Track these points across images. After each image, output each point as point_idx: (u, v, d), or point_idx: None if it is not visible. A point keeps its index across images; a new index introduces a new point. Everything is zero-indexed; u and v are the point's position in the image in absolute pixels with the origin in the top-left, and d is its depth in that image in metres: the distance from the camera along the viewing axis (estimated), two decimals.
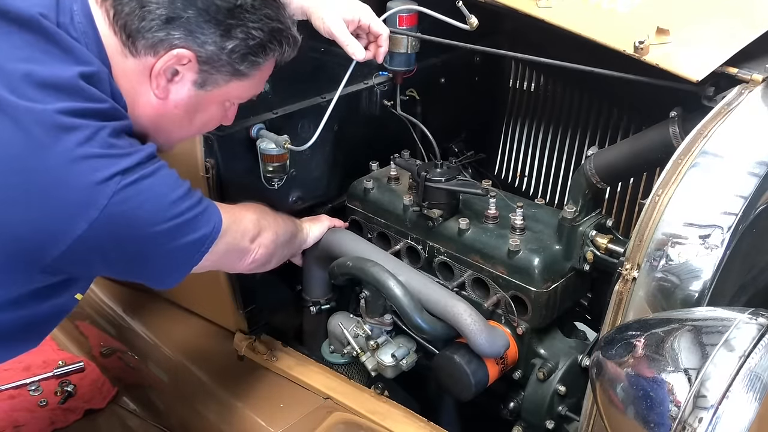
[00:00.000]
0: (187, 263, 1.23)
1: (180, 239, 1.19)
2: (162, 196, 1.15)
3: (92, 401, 1.94)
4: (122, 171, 1.09)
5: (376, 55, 1.59)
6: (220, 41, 1.18)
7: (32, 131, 1.04)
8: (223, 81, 1.24)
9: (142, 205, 1.11)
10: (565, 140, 2.05)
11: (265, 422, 1.56)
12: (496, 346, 1.45)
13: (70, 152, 1.05)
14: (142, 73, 1.19)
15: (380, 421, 1.53)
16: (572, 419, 1.50)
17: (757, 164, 1.19)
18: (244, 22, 1.19)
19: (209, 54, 1.18)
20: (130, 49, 1.17)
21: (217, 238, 1.24)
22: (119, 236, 1.12)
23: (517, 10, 1.53)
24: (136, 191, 1.10)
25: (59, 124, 1.05)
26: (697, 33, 1.40)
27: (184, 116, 1.26)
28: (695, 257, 1.16)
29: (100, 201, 1.06)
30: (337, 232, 1.71)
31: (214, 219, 1.25)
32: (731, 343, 0.95)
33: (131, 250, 1.16)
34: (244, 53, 1.21)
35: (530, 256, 1.48)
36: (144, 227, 1.13)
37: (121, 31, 1.16)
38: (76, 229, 1.06)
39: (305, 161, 1.76)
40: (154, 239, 1.15)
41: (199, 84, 1.22)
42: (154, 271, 1.24)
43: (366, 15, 1.55)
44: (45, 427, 1.86)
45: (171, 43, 1.16)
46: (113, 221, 1.09)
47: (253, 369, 1.70)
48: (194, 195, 1.21)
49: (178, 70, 1.19)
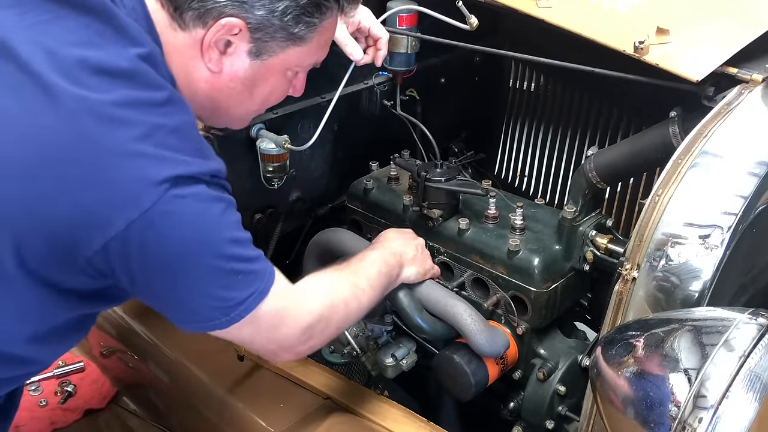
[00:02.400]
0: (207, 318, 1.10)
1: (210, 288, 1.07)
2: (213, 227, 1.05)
3: (92, 401, 1.94)
4: (173, 178, 0.99)
5: (375, 59, 1.59)
6: (269, 4, 1.09)
7: (83, 121, 0.97)
8: (279, 48, 1.15)
9: (185, 226, 1.01)
10: (565, 140, 2.05)
11: (265, 422, 1.55)
12: (496, 346, 1.45)
13: (120, 147, 0.97)
14: (193, 47, 1.12)
15: (380, 421, 1.53)
16: (572, 419, 1.50)
17: (757, 164, 1.19)
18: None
19: (260, 19, 1.10)
20: (178, 22, 1.10)
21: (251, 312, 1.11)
22: (150, 250, 1.01)
23: (517, 10, 1.53)
24: (184, 207, 1.01)
25: (113, 117, 0.98)
26: (697, 33, 1.40)
27: (242, 90, 1.18)
28: (695, 257, 1.16)
29: (143, 203, 0.97)
30: (337, 231, 1.71)
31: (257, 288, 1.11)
32: (731, 343, 0.95)
33: (156, 272, 1.04)
34: (296, 14, 1.11)
35: (530, 256, 1.48)
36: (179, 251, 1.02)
37: (168, 4, 1.09)
38: (113, 228, 0.98)
39: (305, 161, 1.76)
40: (184, 271, 1.04)
41: (254, 54, 1.14)
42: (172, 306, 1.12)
43: (366, 17, 1.55)
44: (45, 427, 1.86)
45: (219, 11, 1.08)
46: (150, 229, 0.99)
47: (253, 369, 1.69)
48: (252, 250, 1.11)
49: (230, 41, 1.11)
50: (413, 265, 1.48)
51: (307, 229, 1.91)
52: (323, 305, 1.24)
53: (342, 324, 1.31)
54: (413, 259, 1.49)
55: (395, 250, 1.46)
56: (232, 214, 1.09)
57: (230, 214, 1.08)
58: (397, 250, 1.47)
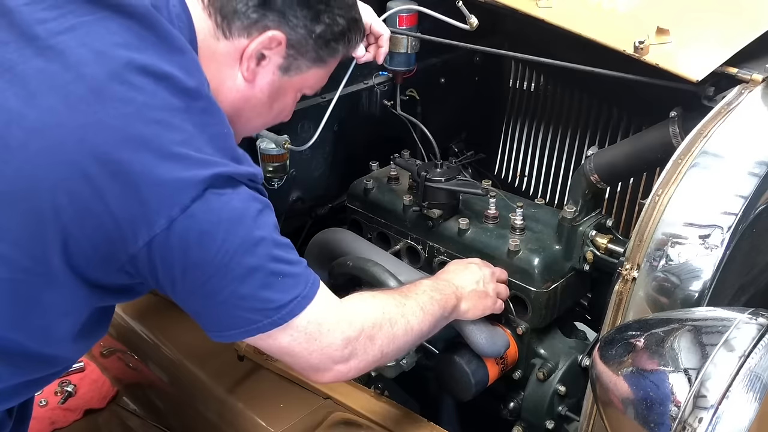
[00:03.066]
0: (249, 324, 1.09)
1: (251, 287, 1.06)
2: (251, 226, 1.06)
3: (92, 401, 1.93)
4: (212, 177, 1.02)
5: (376, 56, 1.59)
6: (310, 25, 1.18)
7: (131, 123, 0.99)
8: (305, 66, 1.23)
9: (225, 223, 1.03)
10: (565, 140, 2.05)
11: (265, 422, 1.55)
12: (496, 346, 1.45)
13: (165, 149, 1.00)
14: (232, 56, 1.17)
15: (380, 421, 1.53)
16: (572, 419, 1.50)
17: (757, 164, 1.19)
18: (332, 8, 1.20)
19: (299, 38, 1.18)
20: (224, 31, 1.15)
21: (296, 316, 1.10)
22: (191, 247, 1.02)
23: (517, 10, 1.53)
24: (222, 204, 1.03)
25: (158, 120, 1.01)
26: (697, 33, 1.40)
27: (266, 102, 1.25)
28: (695, 257, 1.16)
29: (184, 201, 1.00)
30: (337, 232, 1.71)
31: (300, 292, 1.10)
32: (731, 343, 0.95)
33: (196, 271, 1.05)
34: (328, 39, 1.21)
35: (530, 256, 1.48)
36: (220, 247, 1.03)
37: (216, 13, 1.14)
38: (156, 226, 1.00)
39: (305, 161, 1.76)
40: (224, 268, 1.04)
41: (283, 68, 1.21)
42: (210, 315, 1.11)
43: (367, 15, 1.55)
44: (45, 427, 1.86)
45: (265, 24, 1.15)
46: (191, 227, 1.01)
47: (253, 369, 1.69)
48: (291, 253, 1.12)
49: (264, 54, 1.18)
50: (471, 300, 1.40)
51: (307, 229, 1.91)
52: (367, 321, 1.21)
53: (387, 345, 1.23)
54: (472, 294, 1.41)
55: (453, 281, 1.41)
56: (271, 216, 1.11)
57: (268, 215, 1.10)
58: (455, 282, 1.40)
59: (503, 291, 1.48)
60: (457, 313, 1.38)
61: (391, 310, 1.25)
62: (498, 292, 1.46)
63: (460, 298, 1.38)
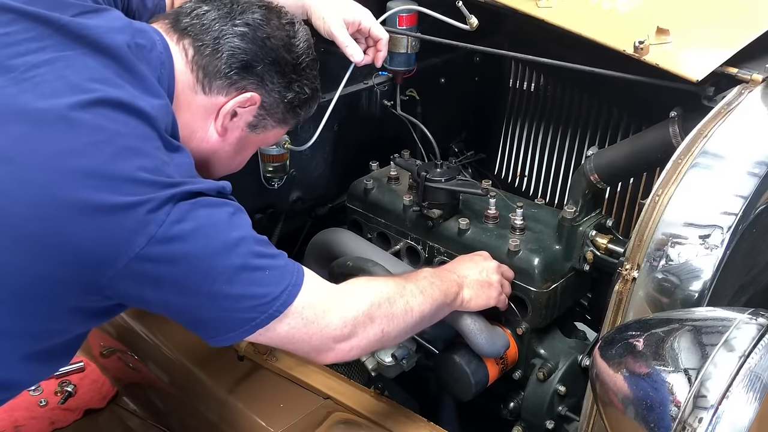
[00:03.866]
0: (247, 323, 1.11)
1: (240, 287, 1.09)
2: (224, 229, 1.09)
3: (92, 401, 1.94)
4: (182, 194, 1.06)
5: (375, 60, 1.59)
6: (283, 91, 1.28)
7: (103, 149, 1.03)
8: (271, 126, 1.32)
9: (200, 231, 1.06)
10: (565, 140, 2.05)
11: (265, 422, 1.55)
12: (496, 346, 1.45)
13: (134, 175, 1.03)
14: (208, 110, 1.24)
15: (380, 421, 1.53)
16: (572, 419, 1.50)
17: (757, 164, 1.19)
18: (301, 79, 1.30)
19: (272, 101, 1.28)
20: (203, 87, 1.22)
21: (291, 305, 1.13)
22: (173, 260, 1.05)
23: (517, 10, 1.53)
24: (193, 214, 1.06)
25: (128, 147, 1.05)
26: (697, 33, 1.40)
27: (232, 155, 1.33)
28: (695, 257, 1.16)
29: (160, 218, 1.03)
30: (337, 232, 1.71)
31: (289, 282, 1.14)
32: (731, 343, 0.95)
33: (184, 282, 1.08)
34: (294, 105, 1.31)
35: (530, 256, 1.48)
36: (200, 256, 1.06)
37: (199, 70, 1.21)
38: (135, 246, 1.02)
39: (305, 161, 1.76)
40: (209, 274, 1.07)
41: (252, 126, 1.30)
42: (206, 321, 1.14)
43: (366, 18, 1.55)
44: (45, 427, 1.86)
45: (244, 87, 1.24)
46: (170, 241, 1.04)
47: (253, 369, 1.69)
48: (270, 248, 1.15)
49: (237, 111, 1.25)
50: (473, 289, 1.40)
51: (307, 229, 1.91)
52: (364, 299, 1.23)
53: (387, 324, 1.24)
54: (474, 283, 1.40)
55: (455, 270, 1.42)
56: (244, 216, 1.15)
57: (241, 216, 1.14)
58: (458, 271, 1.41)
59: (507, 286, 1.47)
60: (460, 300, 1.38)
61: (390, 290, 1.27)
62: (502, 284, 1.45)
63: (461, 285, 1.39)
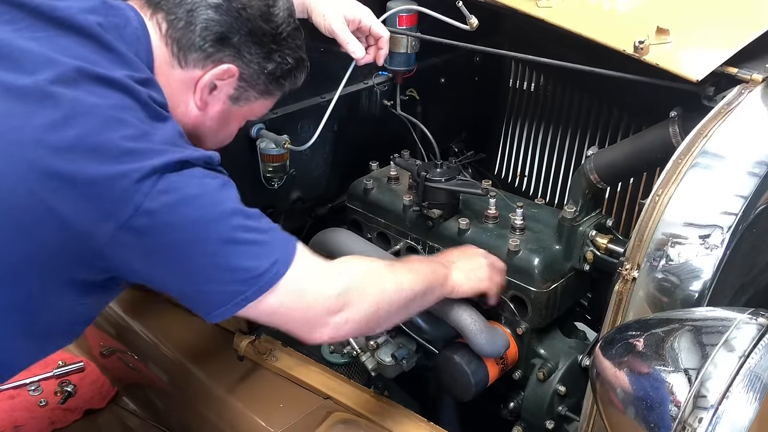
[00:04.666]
0: (237, 295, 1.10)
1: (229, 258, 1.09)
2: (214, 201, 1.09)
3: (92, 401, 1.94)
4: (169, 164, 1.05)
5: (376, 58, 1.59)
6: (263, 62, 1.26)
7: (84, 122, 1.03)
8: (254, 98, 1.30)
9: (189, 200, 1.06)
10: (565, 140, 2.05)
11: (265, 422, 1.55)
12: (496, 346, 1.45)
13: (120, 144, 1.03)
14: (186, 84, 1.23)
15: (380, 421, 1.53)
16: (572, 419, 1.50)
17: (757, 164, 1.19)
18: (282, 48, 1.27)
19: (251, 72, 1.25)
20: (179, 61, 1.21)
21: (281, 278, 1.11)
22: (162, 230, 1.05)
23: (517, 10, 1.53)
24: (182, 184, 1.06)
25: (110, 117, 1.05)
26: (697, 33, 1.40)
27: (216, 128, 1.31)
28: (695, 257, 1.16)
29: (146, 187, 1.03)
30: (337, 231, 1.71)
31: (280, 255, 1.12)
32: (731, 343, 0.95)
33: (173, 253, 1.08)
34: (277, 75, 1.29)
35: (530, 256, 1.48)
36: (190, 226, 1.06)
37: (173, 44, 1.20)
38: (122, 215, 1.02)
39: (305, 161, 1.76)
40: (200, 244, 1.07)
41: (233, 99, 1.28)
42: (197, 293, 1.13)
43: (367, 17, 1.55)
44: (45, 427, 1.86)
45: (221, 59, 1.22)
46: (158, 210, 1.04)
47: (253, 369, 1.69)
48: (262, 220, 1.14)
49: (216, 84, 1.24)
50: (463, 272, 1.41)
51: (307, 229, 1.91)
52: (356, 273, 1.24)
53: (381, 298, 1.23)
54: (464, 266, 1.42)
55: (445, 256, 1.45)
56: (233, 190, 1.13)
57: (230, 189, 1.13)
58: (447, 257, 1.44)
59: (498, 275, 1.46)
60: (451, 283, 1.39)
61: (380, 267, 1.29)
62: (495, 272, 1.45)
63: (450, 269, 1.40)
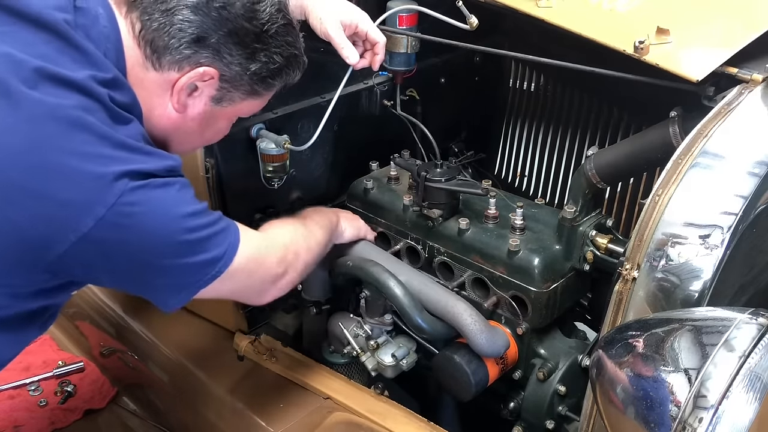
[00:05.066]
0: (193, 285, 1.18)
1: (188, 257, 1.14)
2: (172, 207, 1.12)
3: (92, 401, 1.94)
4: (133, 173, 1.06)
5: (372, 63, 1.59)
6: (245, 63, 1.21)
7: (43, 124, 1.02)
8: (239, 98, 1.27)
9: (151, 212, 1.08)
10: (565, 140, 2.05)
11: (265, 422, 1.55)
12: (496, 346, 1.45)
13: (80, 149, 1.03)
14: (162, 87, 1.20)
15: (380, 421, 1.53)
16: (572, 419, 1.50)
17: (757, 164, 1.19)
18: (269, 47, 1.22)
19: (233, 74, 1.21)
20: (153, 63, 1.18)
21: (231, 263, 1.20)
22: (124, 240, 1.08)
23: (517, 10, 1.53)
24: (145, 197, 1.07)
25: (71, 119, 1.03)
26: (697, 33, 1.40)
27: (197, 129, 1.28)
28: (695, 257, 1.16)
29: (108, 199, 1.03)
30: None
31: (229, 242, 1.20)
32: (731, 343, 0.95)
33: (135, 259, 1.11)
34: (263, 75, 1.24)
35: (530, 256, 1.48)
36: (151, 237, 1.09)
37: (146, 46, 1.17)
38: (82, 226, 1.03)
39: (305, 161, 1.76)
40: (160, 252, 1.12)
41: (216, 100, 1.25)
42: (156, 289, 1.19)
43: (364, 22, 1.55)
44: (45, 427, 1.86)
45: (198, 61, 1.18)
46: (120, 222, 1.05)
47: (253, 369, 1.70)
48: (211, 215, 1.19)
49: (197, 86, 1.21)
50: (346, 220, 1.63)
51: None
52: (288, 240, 1.38)
53: (307, 256, 1.42)
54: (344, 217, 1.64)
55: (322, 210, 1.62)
56: (188, 190, 1.16)
57: (186, 191, 1.16)
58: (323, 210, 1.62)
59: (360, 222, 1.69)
60: (339, 230, 1.60)
61: (302, 229, 1.44)
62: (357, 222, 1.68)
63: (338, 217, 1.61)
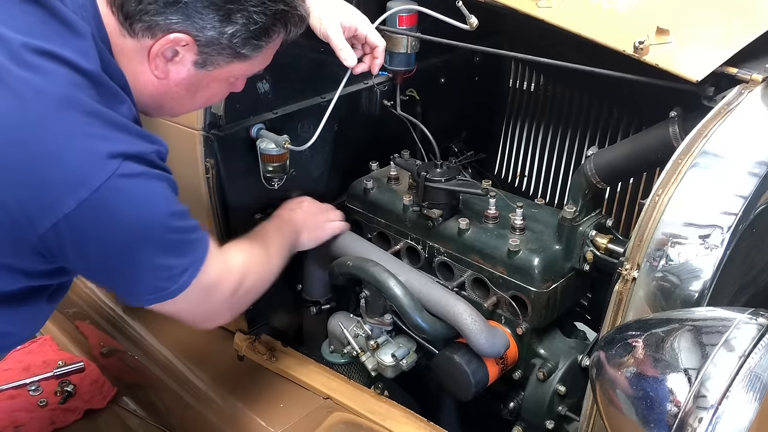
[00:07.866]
0: (162, 289, 1.17)
1: (162, 257, 1.14)
2: (158, 202, 1.11)
3: (92, 401, 1.93)
4: (120, 155, 1.04)
5: (371, 67, 1.59)
6: (220, 26, 1.15)
7: (32, 102, 1.01)
8: (224, 62, 1.21)
9: (134, 203, 1.07)
10: (565, 140, 2.05)
11: (265, 422, 1.56)
12: (496, 346, 1.45)
13: (68, 127, 1.02)
14: (141, 54, 1.17)
15: (380, 421, 1.53)
16: (572, 419, 1.50)
17: (757, 164, 1.19)
18: (245, 6, 1.15)
19: (209, 38, 1.16)
20: (127, 30, 1.15)
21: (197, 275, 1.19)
22: (102, 227, 1.06)
23: (517, 10, 1.53)
24: (131, 185, 1.06)
25: (59, 97, 1.02)
26: (697, 33, 1.40)
27: (186, 94, 1.25)
28: (695, 257, 1.16)
29: (94, 182, 1.02)
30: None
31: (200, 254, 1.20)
32: (731, 343, 0.95)
33: (110, 249, 1.10)
34: (245, 37, 1.18)
35: (530, 256, 1.48)
36: (130, 227, 1.08)
37: (118, 12, 1.13)
38: (64, 206, 1.02)
39: (305, 161, 1.76)
40: (137, 244, 1.10)
41: (199, 64, 1.20)
42: (125, 281, 1.18)
43: (363, 25, 1.54)
44: (45, 427, 1.86)
45: (169, 27, 1.13)
46: (101, 207, 1.04)
47: (253, 369, 1.70)
48: (192, 221, 1.19)
49: (177, 51, 1.17)
50: (307, 231, 1.63)
51: None
52: (246, 265, 1.37)
53: (262, 285, 1.43)
54: (304, 225, 1.63)
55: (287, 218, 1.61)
56: (172, 188, 1.15)
57: (169, 189, 1.14)
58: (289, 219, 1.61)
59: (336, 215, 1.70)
60: (299, 246, 1.62)
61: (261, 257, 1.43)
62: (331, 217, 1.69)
63: (299, 232, 1.61)
